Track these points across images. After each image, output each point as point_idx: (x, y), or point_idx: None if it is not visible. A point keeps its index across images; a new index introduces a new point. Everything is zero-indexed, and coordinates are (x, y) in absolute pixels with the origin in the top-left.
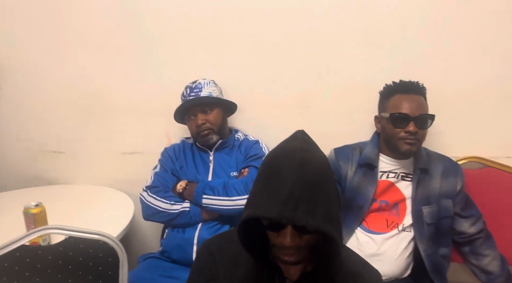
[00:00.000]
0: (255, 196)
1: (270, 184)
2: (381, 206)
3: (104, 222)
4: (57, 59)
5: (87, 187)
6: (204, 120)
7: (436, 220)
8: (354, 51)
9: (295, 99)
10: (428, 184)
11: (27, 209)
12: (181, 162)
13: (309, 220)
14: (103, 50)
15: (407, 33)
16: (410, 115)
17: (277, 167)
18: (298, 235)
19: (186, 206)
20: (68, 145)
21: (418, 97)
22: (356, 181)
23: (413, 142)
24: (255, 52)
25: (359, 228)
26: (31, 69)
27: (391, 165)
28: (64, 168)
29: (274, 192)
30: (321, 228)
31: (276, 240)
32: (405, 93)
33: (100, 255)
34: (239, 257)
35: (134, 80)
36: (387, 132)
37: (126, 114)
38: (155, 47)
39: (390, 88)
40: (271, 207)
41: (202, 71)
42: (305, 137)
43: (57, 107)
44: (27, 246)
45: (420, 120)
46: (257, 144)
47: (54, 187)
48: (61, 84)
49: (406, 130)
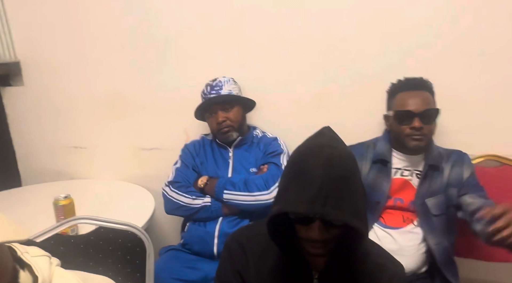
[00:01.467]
0: (285, 192)
1: (299, 180)
2: (396, 203)
3: (127, 215)
4: (78, 58)
5: (107, 181)
6: (224, 117)
7: (444, 210)
8: (371, 50)
9: (312, 97)
10: (436, 180)
11: (57, 201)
12: (201, 158)
13: (337, 214)
14: (123, 49)
15: (423, 31)
16: (414, 111)
17: (305, 164)
18: (325, 229)
19: (207, 200)
20: (89, 141)
21: (422, 93)
22: (371, 178)
23: (419, 137)
24: (273, 50)
25: (376, 224)
26: (54, 67)
27: (404, 161)
28: (85, 163)
29: (303, 188)
30: (348, 222)
31: (304, 233)
32: (409, 90)
33: (129, 245)
34: (267, 249)
35: (153, 78)
36: (394, 130)
37: (146, 111)
38: (174, 46)
39: (395, 87)
40: (301, 202)
41: (220, 69)
42: (332, 133)
43: (79, 104)
44: (61, 235)
45: (425, 116)
46: (276, 141)
47: (76, 182)
48: (83, 82)
49: (411, 126)
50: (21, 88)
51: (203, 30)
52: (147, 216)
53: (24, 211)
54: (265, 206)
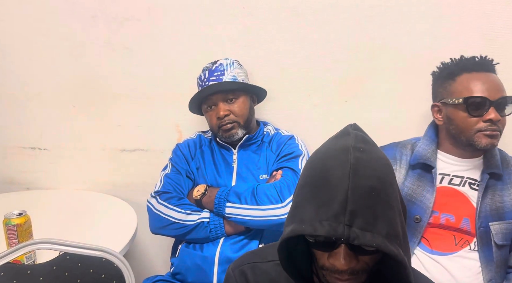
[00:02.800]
0: (300, 208)
1: (317, 193)
2: (445, 221)
3: (101, 236)
4: (36, 33)
5: (77, 192)
6: (227, 111)
7: (509, 241)
8: (416, 23)
9: (339, 84)
10: (501, 194)
11: (8, 219)
12: (197, 161)
13: (367, 237)
14: (95, 20)
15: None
16: (490, 98)
17: (326, 172)
18: (354, 256)
19: (205, 216)
20: (52, 140)
21: (492, 76)
22: (409, 187)
23: (494, 133)
24: (288, 25)
25: (418, 248)
26: (7, 46)
27: (454, 166)
28: (46, 168)
29: (323, 203)
30: (383, 247)
31: (326, 261)
32: (476, 71)
33: (103, 276)
34: (277, 280)
35: (135, 60)
36: (458, 123)
37: (126, 102)
38: (162, 18)
39: (454, 67)
40: (321, 222)
41: (222, 49)
42: (359, 133)
43: (38, 93)
44: (13, 265)
45: (500, 105)
46: (292, 140)
47: (33, 193)
48: (43, 64)
49: (486, 119)
50: None
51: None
52: (127, 237)
53: None
54: (278, 223)
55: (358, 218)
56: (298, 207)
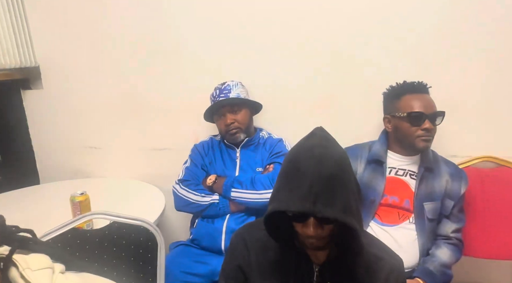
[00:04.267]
0: (278, 192)
1: (291, 179)
2: (392, 201)
3: (139, 211)
4: (94, 62)
5: (121, 180)
6: (233, 119)
7: (437, 216)
8: (374, 55)
9: (317, 100)
10: (432, 182)
11: (74, 197)
12: (210, 157)
13: (328, 211)
14: (136, 53)
15: (421, 37)
16: (425, 113)
17: (297, 164)
18: (320, 225)
19: (215, 198)
20: (104, 141)
21: (427, 96)
22: (366, 177)
23: (429, 138)
24: (280, 55)
25: (372, 222)
26: (71, 71)
27: (399, 161)
28: (100, 162)
29: (295, 187)
30: (340, 218)
31: (300, 229)
32: (415, 92)
33: (141, 239)
34: (268, 243)
35: (164, 82)
36: (402, 131)
37: (157, 113)
38: (184, 51)
39: (399, 89)
40: (293, 201)
41: (229, 73)
42: (323, 133)
43: (94, 107)
44: (77, 229)
45: (433, 117)
46: (281, 142)
47: (91, 180)
48: (98, 85)
49: (422, 127)
50: (40, 91)
51: (212, 35)
52: (158, 212)
53: (43, 207)
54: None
55: (321, 197)
56: (278, 191)
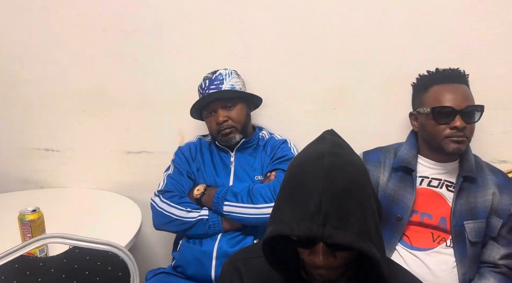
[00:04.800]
0: (279, 210)
1: (295, 195)
2: (424, 219)
3: (108, 231)
4: (51, 44)
5: (86, 191)
6: (226, 117)
7: (481, 238)
8: (397, 39)
9: (328, 93)
10: (475, 195)
11: (23, 215)
12: (198, 163)
13: (340, 236)
14: (106, 33)
15: (459, 16)
16: (455, 108)
17: (302, 176)
18: (331, 252)
19: (204, 213)
20: (64, 142)
21: (461, 86)
22: (391, 188)
23: (461, 139)
24: (283, 39)
25: (399, 245)
26: (21, 55)
27: (433, 169)
28: (58, 169)
29: (299, 205)
30: (355, 244)
31: (307, 258)
32: (446, 82)
33: (109, 268)
34: (268, 273)
35: (142, 69)
36: (428, 130)
37: (133, 108)
38: (167, 32)
39: (426, 79)
40: (297, 223)
41: (221, 60)
42: (335, 138)
43: (52, 99)
44: (27, 257)
45: (467, 113)
46: (285, 144)
47: (47, 191)
48: (57, 73)
49: (452, 126)
50: None
51: (201, 14)
52: (132, 232)
53: None
54: None
55: (332, 218)
56: (278, 209)
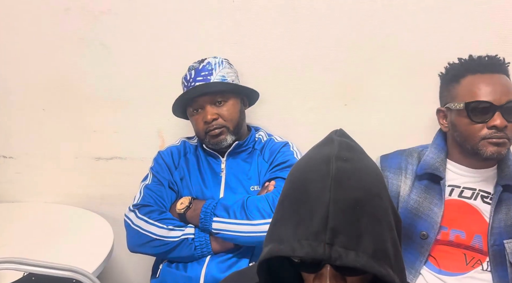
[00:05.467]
0: (278, 226)
1: (297, 208)
2: (454, 238)
3: (73, 254)
4: (5, 26)
5: (46, 206)
6: (215, 114)
7: None
8: (420, 19)
9: (337, 86)
10: None
11: None
12: (181, 171)
13: (351, 257)
14: (69, 13)
15: None
16: (494, 103)
17: (306, 185)
18: (341, 277)
19: (189, 232)
20: (20, 148)
21: (501, 77)
22: (415, 200)
23: (501, 141)
24: (283, 20)
25: (425, 268)
26: None
27: (465, 177)
28: (12, 179)
29: (302, 220)
30: (369, 267)
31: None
32: (482, 73)
33: None
34: None
35: (114, 58)
36: (461, 130)
37: (103, 105)
38: (144, 14)
39: (458, 68)
40: (299, 241)
41: (210, 47)
42: (344, 139)
43: (4, 95)
44: None
45: (508, 110)
46: (286, 147)
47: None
48: (9, 63)
49: (490, 125)
50: None
51: None
52: (102, 255)
53: None
54: None
55: (341, 236)
56: (277, 225)
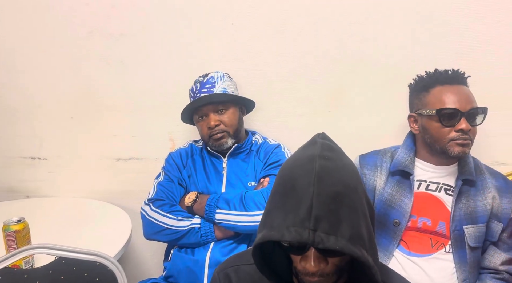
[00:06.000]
0: (269, 215)
1: (285, 200)
2: (422, 225)
3: (96, 241)
4: (36, 49)
5: (74, 200)
6: (217, 121)
7: (481, 243)
8: (394, 39)
9: (323, 96)
10: (474, 199)
11: (7, 226)
12: (189, 170)
13: (331, 241)
14: (93, 36)
15: (457, 16)
16: (461, 110)
17: (293, 180)
18: (323, 258)
19: (196, 222)
20: (51, 150)
21: (464, 88)
22: (388, 192)
23: (466, 142)
24: (275, 40)
25: (397, 251)
26: (7, 61)
27: (431, 173)
28: (45, 177)
29: (290, 210)
30: (347, 249)
31: (299, 264)
32: (448, 84)
33: (97, 279)
34: (260, 282)
35: (130, 73)
36: (431, 133)
37: (121, 113)
38: (155, 34)
39: (427, 80)
40: (287, 228)
41: (213, 63)
42: (326, 141)
43: (38, 106)
44: (11, 269)
45: (472, 115)
46: (279, 149)
47: (33, 201)
48: (42, 78)
49: (457, 128)
50: None
51: (191, 15)
52: (122, 242)
53: None
54: None
55: (323, 223)
56: (269, 214)
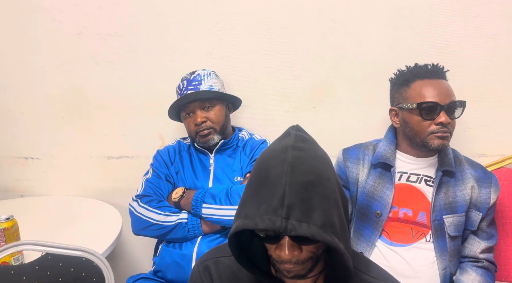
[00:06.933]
0: (245, 205)
1: (259, 190)
2: (403, 215)
3: (87, 237)
4: (27, 49)
5: (67, 198)
6: (204, 118)
7: (461, 232)
8: (378, 33)
9: (307, 91)
10: (454, 190)
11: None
12: (176, 166)
13: (303, 228)
14: (82, 37)
15: (440, 9)
16: (440, 103)
17: (267, 171)
18: (297, 246)
19: (183, 217)
20: (43, 150)
21: (443, 82)
22: (371, 184)
23: (445, 135)
24: (259, 37)
25: (379, 241)
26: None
27: (411, 165)
28: (38, 176)
29: (263, 200)
30: (318, 236)
31: (274, 253)
32: (428, 78)
33: (83, 274)
34: (239, 273)
35: (119, 72)
36: (412, 126)
37: (111, 112)
38: (143, 33)
39: (408, 74)
40: (261, 217)
41: (200, 61)
42: (299, 133)
43: (29, 106)
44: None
45: (451, 109)
46: (265, 144)
47: (26, 200)
48: (33, 78)
49: (437, 122)
50: None
51: (179, 15)
52: (111, 238)
53: None
54: None
55: (295, 211)
56: (244, 204)
